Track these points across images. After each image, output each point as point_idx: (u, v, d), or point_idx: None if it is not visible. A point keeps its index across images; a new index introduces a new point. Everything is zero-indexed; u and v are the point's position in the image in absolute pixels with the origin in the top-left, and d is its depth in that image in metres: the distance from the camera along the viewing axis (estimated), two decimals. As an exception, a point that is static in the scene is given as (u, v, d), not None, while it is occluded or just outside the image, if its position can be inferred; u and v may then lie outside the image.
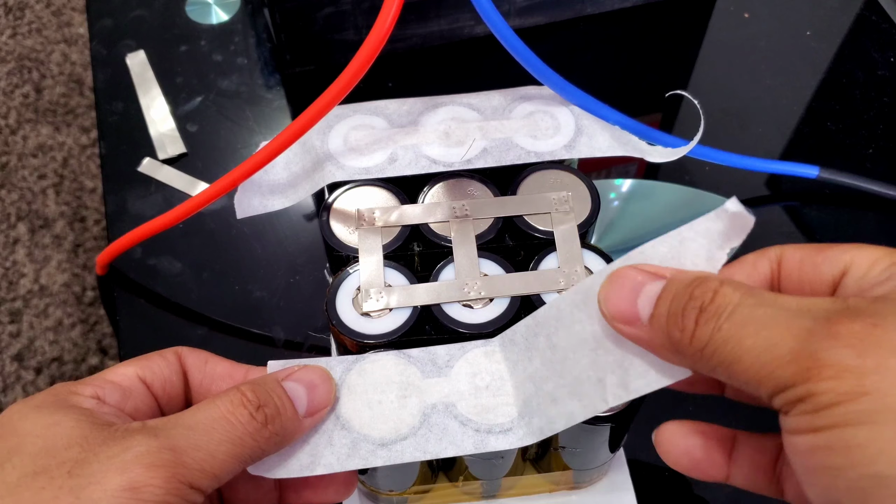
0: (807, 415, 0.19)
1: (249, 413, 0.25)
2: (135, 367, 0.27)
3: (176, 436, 0.24)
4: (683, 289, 0.22)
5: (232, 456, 0.24)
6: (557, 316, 0.27)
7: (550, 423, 0.26)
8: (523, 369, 0.27)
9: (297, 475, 0.26)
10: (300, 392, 0.27)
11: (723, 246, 0.24)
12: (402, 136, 0.34)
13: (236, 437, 0.24)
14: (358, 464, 0.27)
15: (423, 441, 0.27)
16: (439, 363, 0.29)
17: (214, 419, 0.24)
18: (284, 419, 0.26)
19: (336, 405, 0.28)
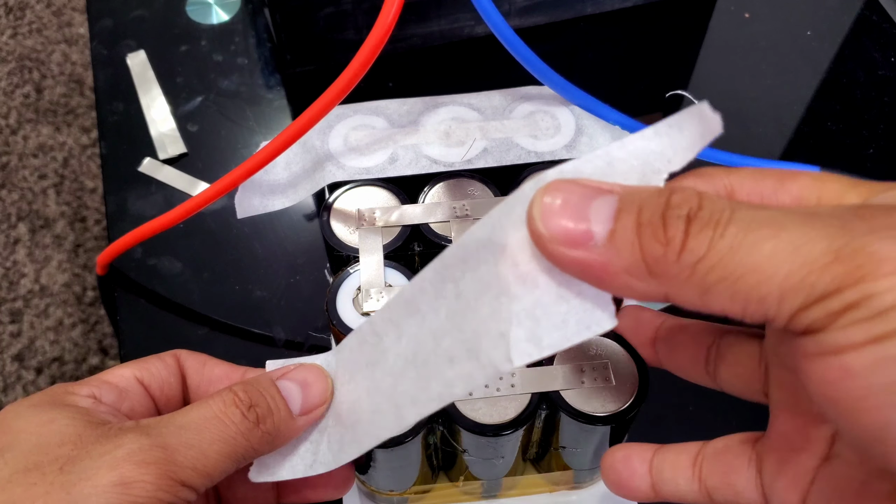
0: (865, 322, 0.15)
1: (241, 413, 0.25)
2: (132, 369, 0.28)
3: (168, 434, 0.24)
4: (653, 197, 0.18)
5: (224, 455, 0.24)
6: (463, 256, 0.21)
7: (448, 387, 0.21)
8: (428, 323, 0.22)
9: (300, 476, 0.26)
10: (294, 391, 0.26)
11: (660, 169, 0.20)
12: (402, 136, 0.34)
13: (228, 437, 0.24)
14: (347, 458, 0.25)
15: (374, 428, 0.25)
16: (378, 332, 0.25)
17: (207, 418, 0.24)
18: (277, 419, 0.26)
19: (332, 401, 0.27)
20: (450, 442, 0.30)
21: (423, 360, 0.22)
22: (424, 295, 0.23)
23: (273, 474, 0.26)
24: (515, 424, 0.28)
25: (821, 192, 0.19)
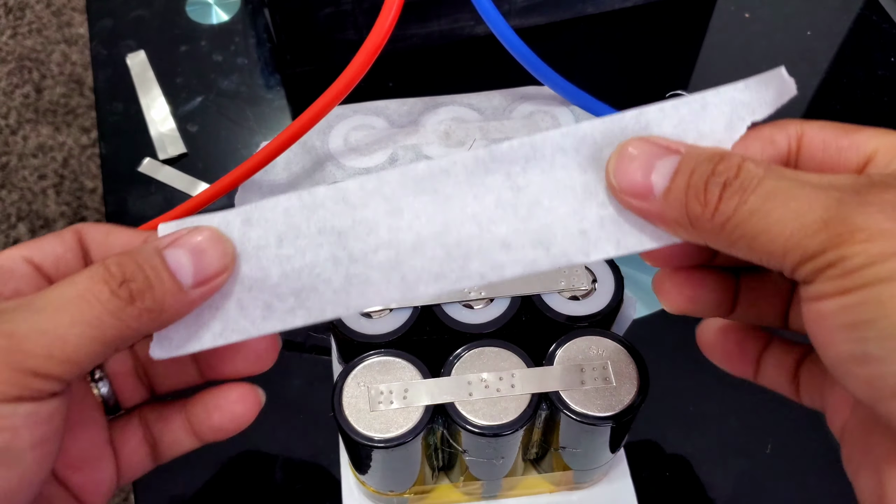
0: (837, 278, 0.19)
1: (110, 289, 0.22)
2: (21, 250, 0.25)
3: (17, 319, 0.21)
4: (704, 163, 0.22)
5: (89, 338, 0.22)
6: (530, 155, 0.24)
7: (497, 269, 0.23)
8: (462, 207, 0.24)
9: (208, 346, 0.24)
10: (184, 259, 0.23)
11: (744, 117, 0.24)
12: (402, 136, 0.34)
13: (93, 318, 0.22)
14: (276, 326, 0.24)
15: (344, 296, 0.24)
16: (352, 201, 0.24)
17: (68, 299, 0.22)
18: (160, 293, 0.23)
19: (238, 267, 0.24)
20: (450, 442, 0.30)
21: (457, 240, 0.24)
22: (451, 179, 0.24)
23: (177, 348, 0.24)
24: (515, 425, 0.28)
25: (878, 146, 0.22)
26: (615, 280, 0.32)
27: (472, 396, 0.28)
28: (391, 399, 0.28)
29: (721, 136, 0.24)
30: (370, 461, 0.29)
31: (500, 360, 0.29)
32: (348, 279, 0.24)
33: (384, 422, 0.28)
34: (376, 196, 0.24)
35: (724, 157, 0.22)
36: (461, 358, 0.29)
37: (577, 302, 0.31)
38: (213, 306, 0.24)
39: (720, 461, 0.37)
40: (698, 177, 0.22)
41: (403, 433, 0.28)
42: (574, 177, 0.24)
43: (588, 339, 0.30)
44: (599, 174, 0.24)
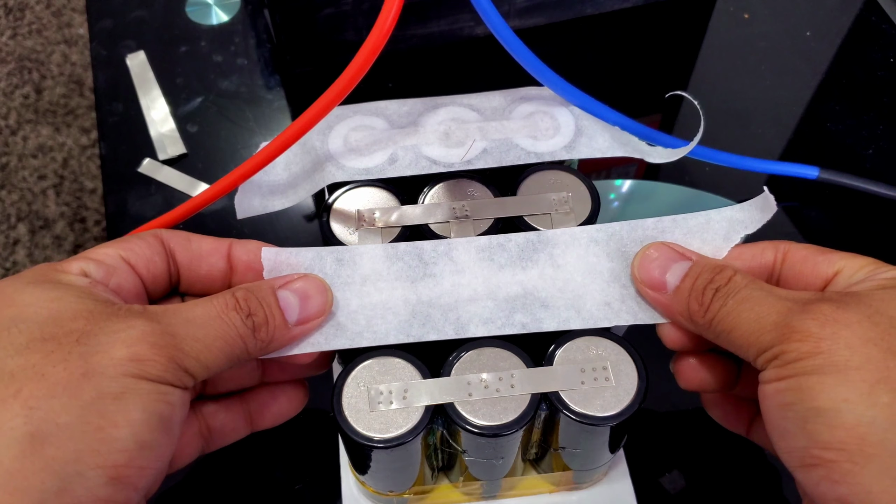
0: (777, 368, 0.25)
1: (241, 319, 0.27)
2: (116, 248, 0.28)
3: (176, 324, 0.25)
4: (707, 272, 0.28)
5: (224, 353, 0.26)
6: (570, 242, 0.31)
7: (537, 322, 0.30)
8: (512, 274, 0.31)
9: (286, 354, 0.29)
10: (293, 302, 0.28)
11: (739, 231, 0.31)
12: (402, 137, 0.34)
13: (229, 337, 0.26)
14: (345, 344, 0.29)
15: (407, 326, 0.29)
16: (426, 259, 0.31)
17: (211, 317, 0.26)
18: (272, 328, 0.27)
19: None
20: (449, 443, 0.30)
21: (505, 297, 0.30)
22: (505, 252, 0.31)
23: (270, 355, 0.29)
24: (515, 425, 0.28)
25: (843, 265, 0.28)
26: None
27: (471, 397, 0.28)
28: (391, 399, 0.28)
29: (720, 244, 0.31)
30: (370, 462, 0.29)
31: (499, 360, 0.29)
32: (413, 314, 0.30)
33: (384, 422, 0.28)
34: (445, 257, 0.31)
35: (721, 269, 0.28)
36: (461, 358, 0.29)
37: None
38: None
39: (719, 462, 0.37)
40: (701, 282, 0.28)
41: (403, 433, 0.28)
42: (603, 262, 0.31)
43: (588, 339, 0.30)
44: (623, 262, 0.31)
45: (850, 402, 0.23)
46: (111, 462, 0.23)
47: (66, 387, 0.23)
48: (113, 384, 0.23)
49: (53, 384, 0.23)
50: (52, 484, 0.22)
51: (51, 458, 0.22)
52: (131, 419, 0.23)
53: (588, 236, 0.31)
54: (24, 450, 0.22)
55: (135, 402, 0.24)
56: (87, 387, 0.23)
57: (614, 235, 0.31)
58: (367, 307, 0.30)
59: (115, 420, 0.23)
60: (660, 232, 0.31)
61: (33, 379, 0.23)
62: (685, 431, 0.38)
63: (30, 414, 0.22)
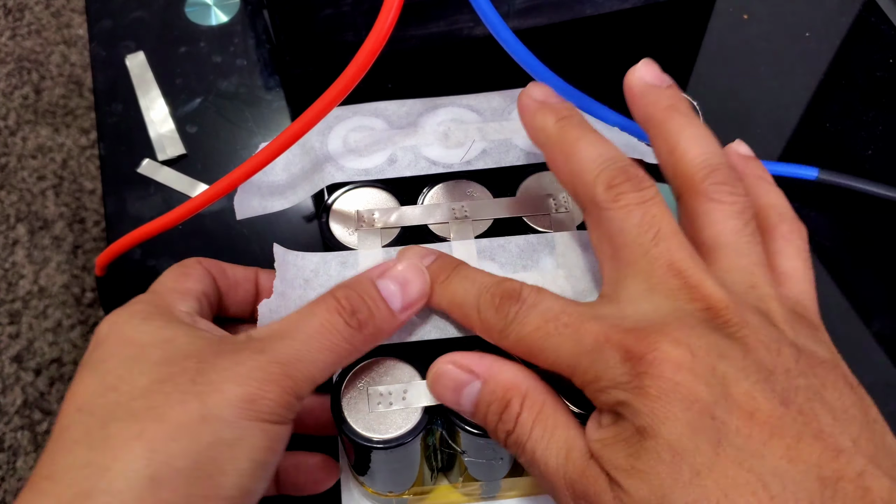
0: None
1: (344, 320, 0.26)
2: (192, 282, 0.30)
3: (281, 349, 0.25)
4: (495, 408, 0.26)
5: (329, 363, 0.26)
6: (569, 243, 0.32)
7: None
8: (513, 273, 0.31)
9: None
10: (394, 289, 0.27)
11: None
12: (401, 138, 0.34)
13: (333, 345, 0.26)
14: None
15: (410, 326, 0.29)
16: None
17: (314, 329, 0.26)
18: (379, 319, 0.27)
19: None
20: (449, 443, 0.30)
21: None
22: (506, 252, 0.31)
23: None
24: (514, 426, 0.28)
25: None
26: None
27: (471, 397, 0.28)
28: (390, 400, 0.28)
29: None
30: (369, 462, 0.29)
31: (499, 361, 0.29)
32: (425, 312, 0.29)
33: (383, 423, 0.28)
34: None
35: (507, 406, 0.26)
36: (460, 359, 0.29)
37: None
38: None
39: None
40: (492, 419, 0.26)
41: (402, 434, 0.28)
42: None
43: None
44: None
45: None
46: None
47: (185, 430, 0.24)
48: (228, 430, 0.24)
49: (174, 427, 0.24)
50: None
51: (165, 501, 0.23)
52: (239, 469, 0.24)
53: (587, 238, 0.32)
54: (144, 493, 0.23)
55: (245, 451, 0.24)
56: (205, 431, 0.24)
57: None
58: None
59: (225, 469, 0.24)
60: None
61: (155, 420, 0.24)
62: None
63: (151, 457, 0.23)
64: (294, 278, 0.31)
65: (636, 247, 0.25)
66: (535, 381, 0.26)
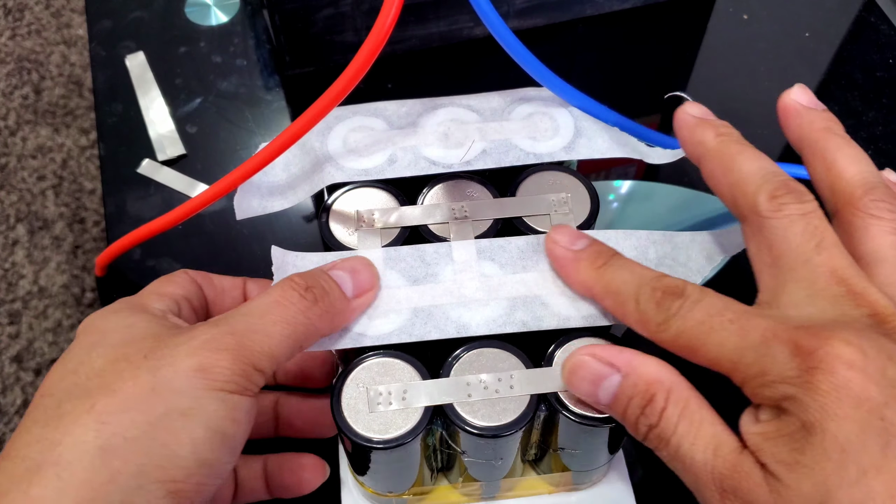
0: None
1: (299, 294, 0.27)
2: (175, 286, 0.30)
3: (235, 322, 0.26)
4: (637, 401, 0.26)
5: (287, 336, 0.26)
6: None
7: (537, 320, 0.30)
8: (513, 273, 0.31)
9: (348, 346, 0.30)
10: (345, 277, 0.29)
11: (720, 253, 0.31)
12: (401, 138, 0.34)
13: (289, 317, 0.26)
14: (346, 343, 0.29)
15: (409, 326, 0.30)
16: (427, 260, 0.31)
17: (268, 304, 0.27)
18: (333, 298, 0.28)
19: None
20: (449, 443, 0.30)
21: (507, 295, 0.31)
22: (506, 252, 0.31)
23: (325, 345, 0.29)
24: (514, 426, 0.28)
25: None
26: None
27: (470, 398, 0.28)
28: (390, 400, 0.28)
29: (702, 264, 0.31)
30: (369, 462, 0.29)
31: (498, 361, 0.29)
32: (415, 314, 0.30)
33: (383, 423, 0.28)
34: (446, 258, 0.31)
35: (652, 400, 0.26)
36: (460, 359, 0.29)
37: None
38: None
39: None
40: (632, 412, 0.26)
41: (402, 434, 0.28)
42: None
43: (587, 339, 0.30)
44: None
45: None
46: (170, 477, 0.24)
47: (136, 402, 0.24)
48: (181, 400, 0.24)
49: (124, 399, 0.24)
50: (116, 496, 0.23)
51: (116, 470, 0.23)
52: (195, 437, 0.24)
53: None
54: (94, 462, 0.23)
55: (200, 419, 0.24)
56: (157, 402, 0.24)
57: (611, 240, 0.32)
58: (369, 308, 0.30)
59: (180, 438, 0.24)
60: (651, 243, 0.32)
61: (106, 395, 0.24)
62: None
63: (101, 428, 0.24)
64: None
65: (799, 254, 0.25)
66: (678, 376, 0.26)
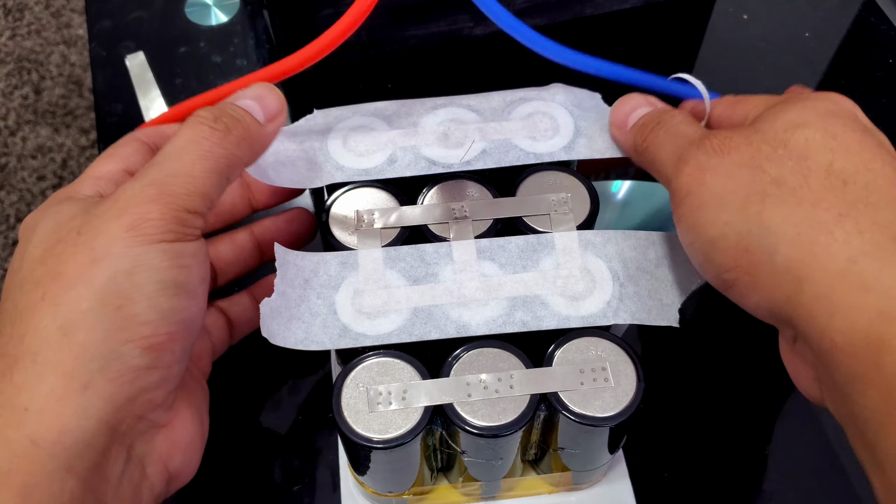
0: (675, 203, 0.27)
1: (209, 127, 0.27)
2: (115, 162, 0.30)
3: (153, 172, 0.26)
4: (658, 112, 0.31)
5: (210, 171, 0.26)
6: (569, 244, 0.32)
7: (537, 320, 0.30)
8: (513, 273, 0.31)
9: (293, 347, 0.29)
10: (252, 105, 0.29)
11: None
12: (401, 138, 0.34)
13: (206, 151, 0.27)
14: (347, 343, 0.29)
15: (410, 326, 0.30)
16: (427, 260, 0.31)
17: (182, 145, 0.27)
18: (245, 124, 0.28)
19: (336, 292, 0.30)
20: (448, 443, 0.30)
21: (507, 295, 0.31)
22: (506, 252, 0.32)
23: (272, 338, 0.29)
24: (514, 426, 0.28)
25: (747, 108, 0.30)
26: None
27: (470, 397, 0.28)
28: (390, 400, 0.28)
29: None
30: (369, 462, 0.29)
31: (498, 361, 0.29)
32: (415, 314, 0.30)
33: (383, 423, 0.28)
34: (446, 258, 0.31)
35: (671, 111, 0.31)
36: (460, 359, 0.29)
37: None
38: (300, 319, 0.30)
39: (719, 462, 0.37)
40: (648, 118, 0.31)
41: (402, 434, 0.28)
42: (601, 263, 0.31)
43: (587, 339, 0.30)
44: (621, 264, 0.31)
45: (731, 223, 0.25)
46: (138, 335, 0.25)
47: (80, 277, 0.25)
48: (122, 262, 0.25)
49: (69, 278, 0.25)
50: (92, 365, 0.24)
51: (83, 342, 0.24)
52: (146, 292, 0.25)
53: (586, 239, 0.32)
54: (60, 341, 0.24)
55: (146, 274, 0.25)
56: (99, 271, 0.25)
57: (611, 240, 0.32)
58: (369, 308, 0.30)
59: (132, 296, 0.25)
60: (651, 243, 0.32)
61: (52, 279, 0.25)
62: (684, 432, 0.38)
63: (55, 311, 0.24)
64: (294, 278, 0.31)
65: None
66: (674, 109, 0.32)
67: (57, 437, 0.23)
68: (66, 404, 0.24)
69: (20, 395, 0.24)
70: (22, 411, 0.23)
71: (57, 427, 0.23)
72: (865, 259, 0.23)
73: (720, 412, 0.38)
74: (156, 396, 0.26)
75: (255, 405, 0.38)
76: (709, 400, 0.39)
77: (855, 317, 0.23)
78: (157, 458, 0.27)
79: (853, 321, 0.23)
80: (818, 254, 0.24)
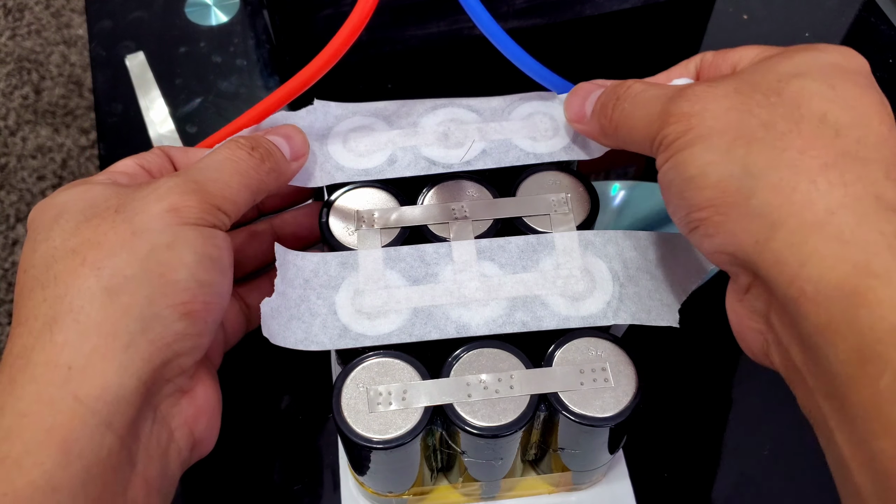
0: (661, 152, 0.27)
1: (247, 152, 0.30)
2: (133, 160, 0.31)
3: (195, 173, 0.29)
4: (612, 89, 0.30)
5: (243, 186, 0.29)
6: (569, 244, 0.32)
7: (537, 320, 0.30)
8: (513, 274, 0.31)
9: (293, 347, 0.30)
10: (281, 142, 0.32)
11: None
12: (401, 138, 0.34)
13: (243, 170, 0.29)
14: (347, 343, 0.30)
15: (410, 326, 0.30)
16: (427, 260, 0.31)
17: (221, 160, 0.29)
18: (276, 158, 0.31)
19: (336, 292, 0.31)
20: (448, 443, 0.30)
21: (507, 295, 0.31)
22: (506, 252, 0.32)
23: (273, 339, 0.30)
24: (514, 426, 0.28)
25: (742, 57, 0.30)
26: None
27: (470, 398, 0.28)
28: (390, 400, 0.28)
29: (703, 263, 0.32)
30: (369, 462, 0.29)
31: (498, 361, 0.29)
32: (415, 314, 0.30)
33: (383, 423, 0.28)
34: (446, 258, 0.31)
35: (623, 83, 0.30)
36: (460, 359, 0.29)
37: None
38: (300, 319, 0.30)
39: (718, 462, 0.37)
40: (605, 98, 0.30)
41: (402, 434, 0.28)
42: (601, 263, 0.31)
43: (587, 340, 0.30)
44: (622, 264, 0.31)
45: (713, 163, 0.25)
46: (179, 300, 0.26)
47: (122, 245, 0.26)
48: (162, 236, 0.26)
49: (110, 247, 0.26)
50: (134, 326, 0.25)
51: (127, 304, 0.25)
52: (186, 262, 0.27)
53: (586, 239, 0.32)
54: (104, 301, 0.25)
55: (185, 248, 0.27)
56: (140, 243, 0.26)
57: (611, 240, 0.32)
58: (369, 308, 0.30)
59: (173, 265, 0.26)
60: (651, 243, 0.32)
61: (91, 247, 0.26)
62: (684, 432, 0.38)
63: (99, 273, 0.26)
64: (294, 278, 0.31)
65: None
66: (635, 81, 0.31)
67: (100, 394, 0.24)
68: (110, 362, 0.25)
69: (62, 353, 0.25)
70: (65, 369, 0.24)
71: (100, 384, 0.24)
72: (844, 212, 0.23)
73: (720, 412, 0.38)
74: (186, 362, 0.27)
75: (256, 405, 0.38)
76: (709, 400, 0.39)
77: (829, 267, 0.22)
78: (184, 422, 0.28)
79: (826, 271, 0.22)
80: (797, 201, 0.23)
